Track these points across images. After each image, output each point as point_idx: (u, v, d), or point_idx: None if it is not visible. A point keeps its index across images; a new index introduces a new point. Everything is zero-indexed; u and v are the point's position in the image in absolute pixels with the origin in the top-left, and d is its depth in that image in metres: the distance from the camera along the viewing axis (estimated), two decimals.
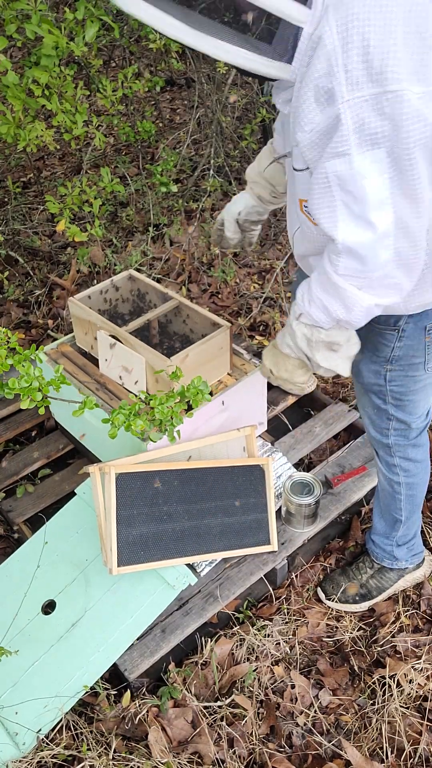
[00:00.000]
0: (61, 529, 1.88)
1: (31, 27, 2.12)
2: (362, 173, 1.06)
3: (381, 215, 1.10)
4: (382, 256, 1.14)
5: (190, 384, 1.39)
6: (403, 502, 1.76)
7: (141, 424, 1.33)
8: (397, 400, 1.56)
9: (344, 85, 1.01)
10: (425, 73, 1.01)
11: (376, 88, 1.00)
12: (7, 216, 3.45)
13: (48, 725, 1.59)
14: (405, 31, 0.99)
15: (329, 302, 1.25)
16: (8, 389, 1.25)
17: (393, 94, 0.99)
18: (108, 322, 1.89)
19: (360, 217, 1.11)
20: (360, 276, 1.18)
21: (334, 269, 1.20)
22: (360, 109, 1.01)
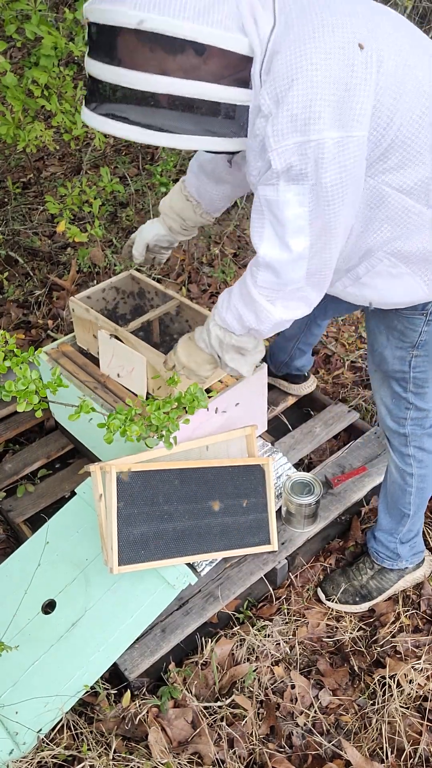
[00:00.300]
0: (62, 529, 1.88)
1: (31, 27, 2.13)
2: (286, 202, 1.19)
3: (297, 241, 1.23)
4: (295, 275, 1.28)
5: (186, 390, 1.38)
6: (414, 495, 1.77)
7: (136, 430, 1.32)
8: (419, 387, 1.58)
9: (272, 137, 1.14)
10: (346, 119, 1.12)
11: (300, 137, 1.12)
12: (7, 216, 3.45)
13: (48, 725, 1.59)
14: (328, 83, 1.10)
15: (244, 312, 1.38)
16: (5, 392, 1.25)
17: (315, 142, 1.12)
18: (109, 322, 1.89)
19: (281, 239, 1.24)
20: (275, 288, 1.32)
21: (254, 281, 1.33)
22: (286, 155, 1.14)
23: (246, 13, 1.13)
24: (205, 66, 1.15)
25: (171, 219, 1.80)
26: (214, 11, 1.11)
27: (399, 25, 1.21)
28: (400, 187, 1.24)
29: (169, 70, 1.14)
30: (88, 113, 1.23)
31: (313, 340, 2.20)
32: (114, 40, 1.14)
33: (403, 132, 1.18)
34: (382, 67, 1.14)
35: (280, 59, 1.11)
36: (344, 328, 2.90)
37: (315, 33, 1.11)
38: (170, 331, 2.12)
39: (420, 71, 1.18)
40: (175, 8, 1.09)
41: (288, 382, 2.38)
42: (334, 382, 2.64)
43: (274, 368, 2.34)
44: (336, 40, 1.11)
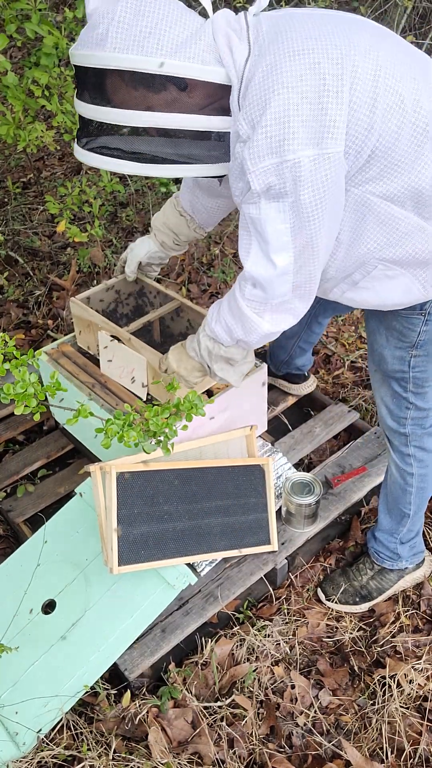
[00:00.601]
0: (62, 529, 1.88)
1: (31, 26, 2.13)
2: (268, 219, 1.23)
3: (281, 256, 1.27)
4: (281, 289, 1.33)
5: (185, 397, 1.38)
6: (414, 495, 1.77)
7: (134, 436, 1.32)
8: (419, 387, 1.59)
9: (249, 160, 1.18)
10: (321, 136, 1.15)
11: (276, 158, 1.16)
12: (7, 216, 3.45)
13: (48, 725, 1.59)
14: (302, 103, 1.13)
15: (232, 324, 1.43)
16: (4, 395, 1.25)
17: (291, 162, 1.16)
18: (109, 323, 1.89)
19: (265, 255, 1.28)
20: (262, 302, 1.36)
21: (242, 294, 1.38)
22: (264, 176, 1.18)
23: (222, 44, 1.19)
24: (187, 98, 1.22)
25: (164, 234, 1.86)
26: (190, 46, 1.18)
27: (381, 40, 1.22)
28: (384, 195, 1.26)
29: (152, 105, 1.21)
30: (79, 149, 1.31)
31: (313, 338, 2.20)
32: (98, 82, 1.21)
33: (382, 143, 1.20)
34: (356, 82, 1.16)
35: (254, 85, 1.16)
36: (344, 328, 2.90)
37: (286, 58, 1.15)
38: (171, 332, 2.12)
39: (401, 84, 1.19)
40: (151, 47, 1.16)
41: (288, 382, 2.38)
42: (334, 382, 2.64)
43: (274, 368, 2.34)
44: (307, 62, 1.14)
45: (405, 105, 1.19)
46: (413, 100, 1.20)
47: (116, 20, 1.16)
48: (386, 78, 1.18)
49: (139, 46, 1.16)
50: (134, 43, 1.16)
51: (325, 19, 1.22)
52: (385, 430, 1.74)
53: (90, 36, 1.19)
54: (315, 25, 1.20)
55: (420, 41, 3.38)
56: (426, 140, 1.22)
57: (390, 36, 1.27)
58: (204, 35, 1.19)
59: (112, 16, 1.16)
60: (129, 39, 1.16)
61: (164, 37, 1.16)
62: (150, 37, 1.16)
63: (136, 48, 1.16)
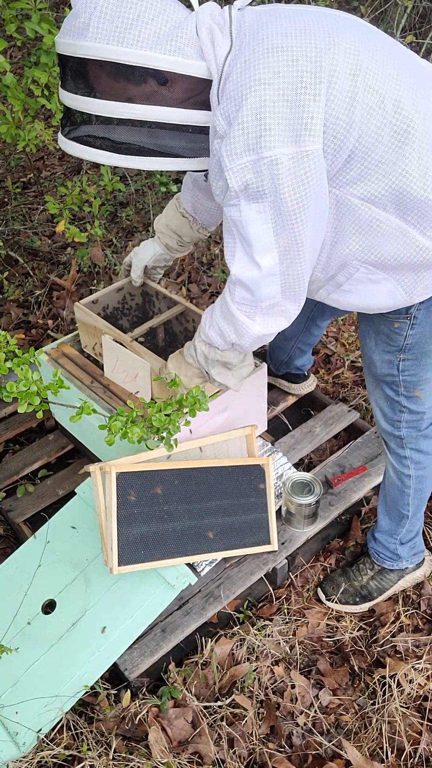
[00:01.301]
0: (62, 529, 1.88)
1: (31, 25, 2.12)
2: (249, 221, 1.22)
3: (265, 257, 1.26)
4: (268, 291, 1.32)
5: (188, 393, 1.38)
6: (412, 496, 1.77)
7: (138, 432, 1.32)
8: (410, 391, 1.58)
9: (226, 157, 1.17)
10: (298, 134, 1.14)
11: (253, 155, 1.15)
12: (7, 216, 3.45)
13: (48, 725, 1.59)
14: (278, 99, 1.12)
15: (225, 328, 1.43)
16: (6, 393, 1.25)
17: (268, 159, 1.14)
18: (113, 328, 1.89)
19: (250, 257, 1.27)
20: (251, 304, 1.35)
21: (231, 297, 1.37)
22: (241, 174, 1.17)
23: (205, 38, 1.18)
24: (167, 91, 1.21)
25: (167, 237, 1.86)
26: (173, 39, 1.17)
27: (365, 40, 1.21)
28: (365, 197, 1.26)
29: (132, 97, 1.20)
30: (61, 137, 1.31)
31: (312, 340, 2.20)
32: (78, 71, 1.21)
33: (362, 143, 1.19)
34: (334, 80, 1.14)
35: (231, 81, 1.16)
36: (344, 328, 2.90)
37: (264, 54, 1.14)
38: (175, 336, 2.11)
39: (382, 84, 1.18)
40: (133, 38, 1.15)
41: (288, 382, 2.38)
42: (334, 382, 2.64)
43: (273, 368, 2.34)
44: (284, 59, 1.13)
45: (385, 105, 1.18)
46: (394, 100, 1.19)
47: (98, 10, 1.15)
48: (366, 77, 1.17)
49: (120, 38, 1.15)
50: (115, 34, 1.15)
51: (309, 16, 1.21)
52: (381, 432, 1.74)
53: (71, 25, 1.18)
54: (297, 22, 1.18)
55: (420, 41, 3.38)
56: (407, 142, 1.20)
57: (376, 36, 1.26)
58: (187, 28, 1.18)
59: (94, 6, 1.15)
60: (110, 30, 1.15)
61: (146, 29, 1.15)
62: (131, 29, 1.15)
63: (117, 39, 1.15)
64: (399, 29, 3.11)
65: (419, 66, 1.29)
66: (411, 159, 1.21)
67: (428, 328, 1.46)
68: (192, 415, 1.39)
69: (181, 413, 1.37)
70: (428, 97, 1.24)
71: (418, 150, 1.21)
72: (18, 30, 2.37)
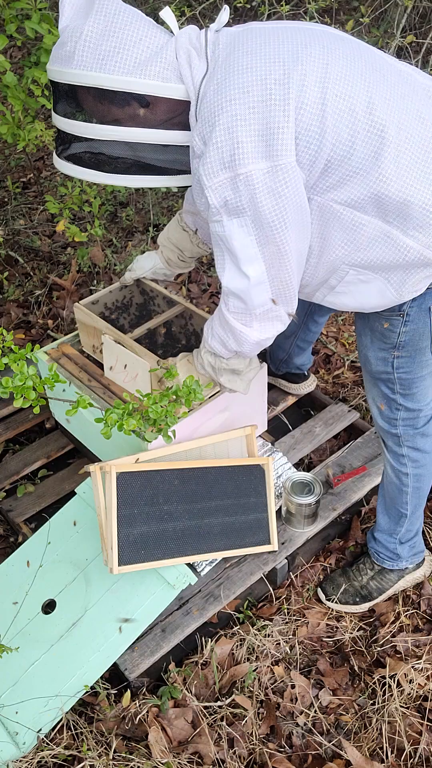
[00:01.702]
0: (62, 529, 1.88)
1: (32, 25, 2.12)
2: (232, 235, 1.27)
3: (252, 268, 1.31)
4: (260, 299, 1.36)
5: (183, 383, 1.39)
6: (410, 495, 1.77)
7: (134, 423, 1.32)
8: (405, 389, 1.59)
9: (204, 176, 1.22)
10: (271, 148, 1.18)
11: (229, 172, 1.20)
12: (7, 216, 3.45)
13: (48, 725, 1.59)
14: (248, 115, 1.17)
15: (225, 337, 1.48)
16: (2, 388, 1.25)
17: (243, 176, 1.20)
18: (113, 328, 1.89)
19: (237, 268, 1.32)
20: (245, 313, 1.40)
21: (227, 308, 1.42)
22: (219, 191, 1.23)
23: (183, 61, 1.25)
24: (149, 113, 1.28)
25: (169, 250, 1.91)
26: (153, 63, 1.24)
27: (334, 50, 1.23)
28: (346, 202, 1.28)
29: (116, 119, 1.28)
30: (55, 157, 1.41)
31: (311, 337, 2.20)
32: (66, 96, 1.29)
33: (337, 151, 1.22)
34: (303, 92, 1.18)
35: (206, 102, 1.22)
36: (344, 328, 2.90)
37: (234, 74, 1.19)
38: (175, 336, 2.11)
39: (353, 89, 1.21)
40: (114, 65, 1.23)
41: (288, 382, 2.38)
42: (334, 382, 2.64)
43: (273, 367, 2.34)
44: (253, 77, 1.18)
45: (357, 111, 1.21)
46: (366, 105, 1.21)
47: (83, 38, 1.23)
48: (336, 85, 1.20)
49: (102, 65, 1.23)
50: (98, 62, 1.23)
51: (279, 33, 1.25)
52: (379, 430, 1.75)
53: (59, 53, 1.26)
54: (267, 40, 1.23)
55: (420, 41, 3.38)
56: (383, 146, 1.23)
57: (348, 43, 1.28)
58: (167, 53, 1.24)
59: (79, 34, 1.23)
60: (93, 57, 1.23)
61: (127, 56, 1.23)
62: (113, 56, 1.22)
63: (99, 66, 1.23)
64: (399, 29, 3.11)
65: (394, 68, 1.31)
66: (387, 162, 1.24)
67: (421, 325, 1.47)
68: (188, 405, 1.39)
69: (177, 404, 1.38)
70: (404, 97, 1.26)
71: (394, 153, 1.23)
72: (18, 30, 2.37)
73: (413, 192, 1.25)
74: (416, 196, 1.26)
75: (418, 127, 1.25)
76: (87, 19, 1.24)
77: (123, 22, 1.24)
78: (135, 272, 2.02)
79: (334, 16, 3.92)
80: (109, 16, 1.24)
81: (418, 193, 1.26)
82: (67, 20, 1.27)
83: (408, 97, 1.26)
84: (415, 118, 1.25)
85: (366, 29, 3.54)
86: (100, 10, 1.24)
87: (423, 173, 1.26)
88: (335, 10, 3.96)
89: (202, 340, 1.58)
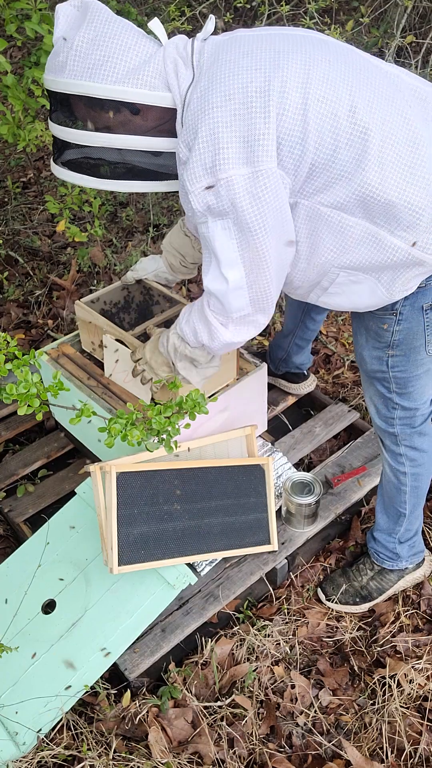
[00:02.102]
0: (62, 529, 1.88)
1: (31, 25, 2.12)
2: (215, 236, 1.30)
3: (232, 271, 1.33)
4: (237, 303, 1.38)
5: (188, 395, 1.39)
6: (408, 494, 1.77)
7: (138, 435, 1.32)
8: (401, 387, 1.59)
9: (187, 181, 1.26)
10: (252, 153, 1.21)
11: (211, 178, 1.23)
12: (7, 216, 3.45)
13: (48, 725, 1.59)
14: (231, 122, 1.20)
15: (199, 328, 1.49)
16: (6, 395, 1.25)
17: (224, 180, 1.22)
18: (114, 326, 1.89)
19: (219, 271, 1.35)
20: (223, 314, 1.42)
21: (208, 305, 1.44)
22: (201, 196, 1.26)
23: (170, 70, 1.28)
24: (138, 120, 1.33)
25: (171, 255, 1.93)
26: (141, 72, 1.28)
27: (315, 55, 1.25)
28: (333, 204, 1.30)
29: (106, 126, 1.33)
30: (52, 163, 1.46)
31: (309, 335, 2.21)
32: (60, 104, 1.34)
33: (320, 155, 1.24)
34: (284, 98, 1.20)
35: (189, 110, 1.26)
36: (344, 328, 2.90)
37: (216, 82, 1.23)
38: None
39: (335, 93, 1.23)
40: (103, 73, 1.27)
41: (288, 382, 2.38)
42: (334, 382, 2.64)
43: (273, 367, 2.34)
44: (234, 84, 1.21)
45: (339, 115, 1.22)
46: (348, 108, 1.23)
47: (74, 49, 1.27)
48: (317, 90, 1.21)
49: (92, 74, 1.27)
50: (88, 71, 1.27)
51: (262, 41, 1.27)
52: (376, 429, 1.75)
53: (53, 62, 1.31)
54: (250, 49, 1.26)
55: (420, 41, 3.38)
56: (367, 148, 1.24)
57: (332, 47, 1.30)
58: (155, 62, 1.28)
59: (71, 45, 1.28)
60: (84, 67, 1.27)
61: (116, 65, 1.27)
62: (103, 65, 1.27)
63: (89, 75, 1.27)
64: (399, 29, 3.11)
65: (380, 70, 1.32)
66: (371, 164, 1.25)
67: (415, 323, 1.48)
68: (192, 418, 1.39)
69: (180, 415, 1.38)
70: (389, 99, 1.27)
71: (378, 155, 1.25)
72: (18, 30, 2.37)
73: (398, 193, 1.27)
74: (401, 197, 1.27)
75: (402, 129, 1.26)
76: (78, 30, 1.28)
77: (113, 32, 1.28)
78: (137, 272, 2.03)
79: (334, 16, 3.92)
80: (100, 27, 1.28)
81: (404, 193, 1.27)
82: (61, 31, 1.32)
83: (393, 99, 1.27)
84: (399, 120, 1.26)
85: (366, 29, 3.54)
86: (91, 21, 1.29)
87: (408, 174, 1.27)
88: (335, 10, 3.96)
89: (176, 322, 1.59)
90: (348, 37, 3.16)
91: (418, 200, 1.28)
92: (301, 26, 2.85)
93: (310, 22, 2.89)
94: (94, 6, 1.32)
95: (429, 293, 1.44)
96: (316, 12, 2.96)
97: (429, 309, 1.46)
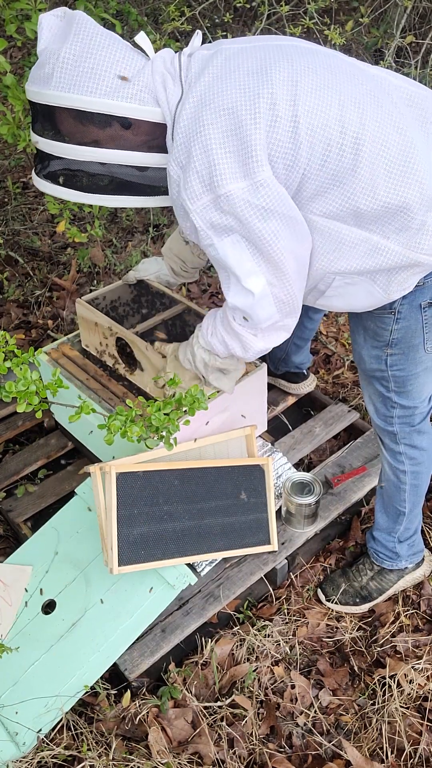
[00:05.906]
0: (62, 529, 1.88)
1: (31, 26, 2.13)
2: (227, 254, 1.30)
3: (253, 282, 1.33)
4: (265, 312, 1.38)
5: (187, 392, 1.39)
6: (408, 492, 1.77)
7: (137, 431, 1.33)
8: (400, 386, 1.59)
9: (187, 200, 1.25)
10: (246, 166, 1.21)
11: (210, 194, 1.23)
12: (7, 216, 3.45)
13: (48, 725, 1.59)
14: (223, 138, 1.20)
15: (229, 340, 1.49)
16: (5, 392, 1.25)
17: (224, 196, 1.22)
18: (116, 324, 1.89)
19: (241, 285, 1.34)
20: (252, 327, 1.43)
21: (233, 320, 1.44)
22: (205, 213, 1.26)
23: (158, 85, 1.27)
24: (128, 134, 1.30)
25: (171, 260, 1.95)
26: (129, 86, 1.25)
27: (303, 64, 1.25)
28: (325, 213, 1.30)
29: (93, 140, 1.30)
30: (33, 175, 1.42)
31: (307, 334, 2.21)
32: (44, 116, 1.31)
33: (312, 165, 1.24)
34: (274, 110, 1.20)
35: (179, 128, 1.25)
36: (344, 328, 2.90)
37: (205, 100, 1.22)
38: (176, 335, 2.11)
39: (324, 103, 1.23)
40: (91, 86, 1.24)
41: (287, 381, 2.38)
42: (334, 382, 2.64)
43: (272, 367, 2.34)
44: (224, 101, 1.21)
45: (329, 123, 1.23)
46: (339, 117, 1.23)
47: (61, 60, 1.24)
48: (306, 101, 1.21)
49: (79, 86, 1.24)
50: (75, 83, 1.24)
51: (247, 54, 1.27)
52: (375, 428, 1.76)
53: (38, 74, 1.28)
54: (236, 63, 1.25)
55: (420, 41, 3.38)
56: (358, 156, 1.24)
57: (320, 56, 1.30)
58: (143, 76, 1.26)
59: (57, 56, 1.24)
60: (71, 79, 1.24)
61: (104, 78, 1.24)
62: (90, 78, 1.24)
63: (76, 88, 1.24)
64: (399, 29, 3.11)
65: (367, 74, 1.32)
66: (363, 171, 1.25)
67: (413, 322, 1.48)
68: (191, 414, 1.39)
69: (180, 412, 1.38)
70: (378, 104, 1.27)
71: (369, 162, 1.25)
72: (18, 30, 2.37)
73: (391, 197, 1.27)
74: (394, 201, 1.27)
75: (392, 134, 1.27)
76: (65, 42, 1.25)
77: (100, 44, 1.25)
78: (139, 273, 2.03)
79: (334, 16, 3.92)
80: (87, 39, 1.25)
81: (396, 197, 1.27)
82: (46, 42, 1.29)
83: (381, 103, 1.27)
84: (389, 124, 1.27)
85: (366, 29, 3.54)
86: (78, 33, 1.26)
87: (399, 176, 1.27)
88: (335, 10, 3.96)
89: (197, 335, 1.58)
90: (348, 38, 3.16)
91: (410, 202, 1.28)
92: (300, 26, 2.86)
93: (309, 23, 2.89)
94: (80, 17, 1.29)
95: (427, 291, 1.45)
96: (316, 12, 2.96)
97: (427, 307, 1.47)
